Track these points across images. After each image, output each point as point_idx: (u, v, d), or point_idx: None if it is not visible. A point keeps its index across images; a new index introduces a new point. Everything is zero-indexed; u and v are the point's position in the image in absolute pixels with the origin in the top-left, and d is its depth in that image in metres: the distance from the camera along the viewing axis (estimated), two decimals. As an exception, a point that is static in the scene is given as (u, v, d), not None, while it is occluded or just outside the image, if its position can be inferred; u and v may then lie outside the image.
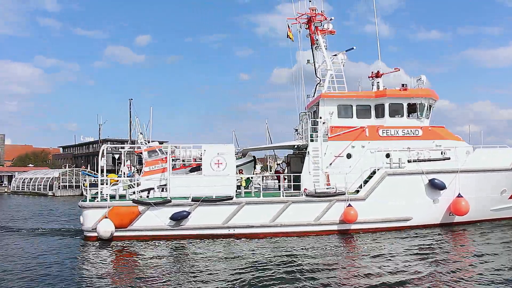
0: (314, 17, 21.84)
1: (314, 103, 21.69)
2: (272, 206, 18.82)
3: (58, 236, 19.94)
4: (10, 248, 17.23)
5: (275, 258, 14.56)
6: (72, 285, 11.70)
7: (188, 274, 12.69)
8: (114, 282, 12.14)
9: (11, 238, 19.45)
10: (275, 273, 12.57)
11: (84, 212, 18.65)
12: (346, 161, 19.99)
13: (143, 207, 18.45)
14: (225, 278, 12.16)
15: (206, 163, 19.33)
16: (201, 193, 18.65)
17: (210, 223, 18.60)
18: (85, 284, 11.80)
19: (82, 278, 12.41)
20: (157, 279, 12.16)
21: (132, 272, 13.25)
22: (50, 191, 66.19)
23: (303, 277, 12.02)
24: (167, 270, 13.27)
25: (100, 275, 12.89)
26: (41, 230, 21.82)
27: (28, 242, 18.45)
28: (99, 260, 15.23)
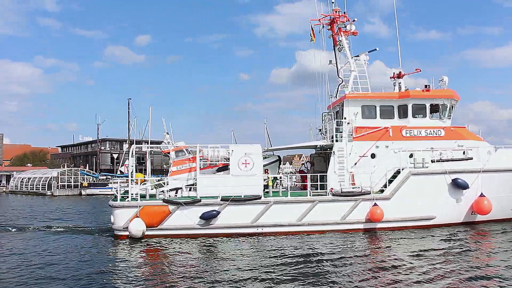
0: (337, 18, 22.58)
1: (337, 103, 22.46)
2: (299, 205, 19.60)
3: (88, 235, 20.65)
4: (44, 245, 17.89)
5: (303, 255, 15.21)
6: (107, 282, 12.27)
7: (219, 271, 13.30)
8: (148, 278, 12.71)
9: (42, 237, 20.15)
10: (303, 270, 13.20)
11: (114, 211, 19.35)
12: (370, 161, 20.78)
13: (173, 206, 19.17)
14: (254, 274, 12.79)
15: (233, 163, 20.05)
16: (229, 193, 19.41)
17: (239, 222, 19.34)
18: (120, 281, 12.43)
19: (117, 275, 13.06)
20: (189, 276, 12.76)
21: (165, 269, 13.87)
22: (48, 191, 66.78)
23: (331, 274, 12.68)
24: (199, 267, 13.89)
25: (134, 272, 13.57)
26: (70, 228, 22.61)
27: (59, 241, 19.11)
28: (132, 258, 15.91)
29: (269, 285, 11.81)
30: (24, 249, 17.13)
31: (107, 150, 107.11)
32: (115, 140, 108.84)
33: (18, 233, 21.49)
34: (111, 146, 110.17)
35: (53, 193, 65.53)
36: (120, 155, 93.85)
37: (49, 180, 68.61)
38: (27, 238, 19.88)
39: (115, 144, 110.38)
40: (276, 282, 11.99)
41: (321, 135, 23.60)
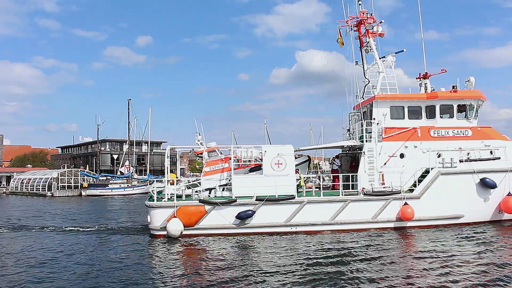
0: (365, 20, 23.51)
1: (365, 104, 23.38)
2: (332, 204, 20.50)
3: (122, 235, 21.43)
4: (82, 246, 18.68)
5: (337, 254, 15.96)
6: (151, 281, 12.91)
7: (255, 269, 13.97)
8: (190, 276, 13.37)
9: (78, 237, 20.97)
10: (338, 268, 13.90)
11: (151, 211, 20.18)
12: (399, 160, 21.72)
13: (209, 206, 20.02)
14: (289, 272, 13.50)
15: (266, 163, 20.92)
16: (262, 193, 20.29)
17: (273, 221, 20.22)
18: (163, 279, 13.08)
19: (158, 274, 13.72)
20: (228, 274, 13.43)
21: (206, 267, 14.54)
22: (48, 192, 67.51)
23: (366, 272, 13.37)
24: (237, 265, 14.54)
25: (177, 270, 14.27)
26: (107, 228, 23.58)
27: (96, 241, 19.92)
28: (173, 257, 16.62)
29: (303, 282, 12.42)
30: (67, 249, 17.93)
31: (107, 151, 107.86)
32: (115, 140, 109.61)
33: (55, 233, 22.22)
34: (111, 146, 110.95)
35: (53, 194, 66.31)
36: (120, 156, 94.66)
37: (49, 181, 69.31)
38: (64, 239, 20.68)
39: (115, 144, 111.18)
40: (310, 280, 12.62)
41: (349, 135, 24.52)
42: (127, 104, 79.92)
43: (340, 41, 24.06)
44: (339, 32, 24.08)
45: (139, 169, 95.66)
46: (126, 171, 79.32)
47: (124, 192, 68.54)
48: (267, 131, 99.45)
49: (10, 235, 22.18)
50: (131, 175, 76.41)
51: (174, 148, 25.24)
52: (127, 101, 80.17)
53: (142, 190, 71.42)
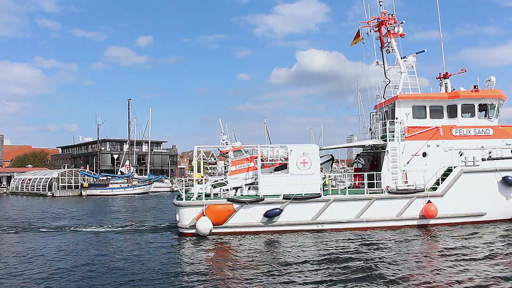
0: (386, 21, 24.23)
1: (387, 103, 24.09)
2: (357, 202, 21.21)
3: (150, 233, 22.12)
4: (114, 244, 19.32)
5: (364, 251, 16.60)
6: (183, 278, 13.43)
7: (285, 266, 14.56)
8: (218, 273, 13.98)
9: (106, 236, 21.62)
10: (366, 264, 14.45)
11: (180, 210, 20.84)
12: (421, 159, 22.46)
13: (237, 205, 20.70)
14: (315, 268, 14.16)
15: (292, 162, 21.61)
16: (288, 191, 21.00)
17: (300, 219, 20.92)
18: (194, 276, 13.68)
19: (190, 271, 14.29)
20: (256, 271, 13.90)
21: (233, 265, 15.08)
22: (49, 192, 68.33)
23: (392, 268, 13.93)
24: (265, 263, 15.06)
25: (204, 267, 14.87)
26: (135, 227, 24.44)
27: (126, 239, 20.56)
28: (201, 254, 17.32)
29: (330, 279, 12.90)
30: (99, 247, 18.64)
31: (107, 151, 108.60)
32: (115, 140, 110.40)
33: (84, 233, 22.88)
34: (111, 146, 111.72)
35: (54, 194, 67.15)
36: (120, 156, 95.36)
37: (50, 181, 70.05)
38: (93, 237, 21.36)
39: (115, 144, 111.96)
40: (337, 277, 13.10)
41: (371, 134, 25.26)
42: (127, 104, 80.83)
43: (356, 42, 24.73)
44: (358, 32, 24.75)
45: (140, 169, 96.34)
46: (127, 171, 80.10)
47: (124, 192, 69.32)
48: (267, 131, 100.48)
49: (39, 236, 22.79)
50: (131, 175, 77.17)
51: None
52: (127, 101, 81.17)
53: (143, 190, 72.26)
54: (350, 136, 25.86)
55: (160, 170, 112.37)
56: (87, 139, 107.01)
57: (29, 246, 19.41)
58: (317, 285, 12.27)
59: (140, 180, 76.66)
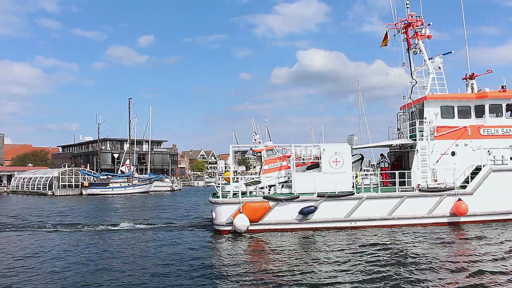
0: (414, 23, 25.23)
1: (416, 103, 25.08)
2: (389, 200, 22.19)
3: (184, 230, 23.08)
4: (151, 241, 20.22)
5: (397, 248, 17.34)
6: (224, 274, 14.07)
7: (320, 262, 15.29)
8: (257, 269, 14.61)
9: (142, 233, 22.52)
10: (399, 260, 15.18)
11: (217, 208, 21.75)
12: (450, 158, 23.48)
13: (273, 202, 21.62)
14: (350, 264, 14.83)
15: (325, 161, 22.55)
16: (322, 189, 21.94)
17: (334, 217, 21.87)
18: (233, 271, 14.35)
19: (228, 266, 14.98)
20: (295, 267, 14.57)
21: (272, 260, 15.87)
22: (49, 191, 69.26)
23: (425, 265, 14.50)
24: (304, 259, 15.78)
25: (246, 263, 15.60)
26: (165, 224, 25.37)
27: (163, 236, 21.43)
28: (240, 251, 18.12)
29: (363, 277, 13.32)
30: (136, 245, 19.35)
31: (107, 150, 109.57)
32: (115, 140, 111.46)
33: (122, 231, 23.69)
34: (112, 146, 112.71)
35: (54, 193, 68.05)
36: (120, 155, 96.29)
37: (50, 180, 70.92)
38: (130, 235, 22.24)
39: (115, 143, 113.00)
40: (370, 273, 13.61)
41: (399, 134, 26.27)
42: (127, 104, 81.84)
43: (385, 43, 25.71)
44: (386, 34, 25.73)
45: (140, 168, 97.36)
46: (127, 170, 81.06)
47: (125, 191, 70.42)
48: (268, 130, 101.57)
49: (74, 234, 23.61)
50: (131, 174, 78.12)
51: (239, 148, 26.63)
52: (127, 101, 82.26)
53: (143, 189, 73.29)
54: (351, 136, 26.77)
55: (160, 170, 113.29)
56: (87, 138, 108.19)
57: (71, 243, 20.24)
58: (351, 283, 12.76)
59: (140, 179, 77.90)
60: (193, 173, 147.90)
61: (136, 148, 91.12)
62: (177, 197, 60.77)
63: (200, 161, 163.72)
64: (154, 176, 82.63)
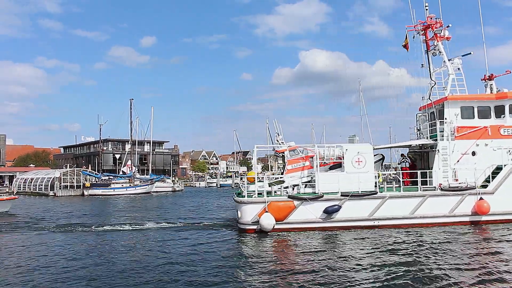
0: (433, 25, 25.97)
1: (436, 104, 25.79)
2: (411, 199, 22.91)
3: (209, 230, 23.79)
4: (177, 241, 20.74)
5: (421, 246, 17.98)
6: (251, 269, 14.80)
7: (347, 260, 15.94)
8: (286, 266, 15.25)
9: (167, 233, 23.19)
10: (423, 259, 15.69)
11: (242, 207, 22.43)
12: (471, 158, 24.21)
13: (298, 201, 22.32)
14: (375, 262, 15.42)
15: (347, 161, 23.26)
16: (344, 189, 22.64)
17: (357, 216, 22.57)
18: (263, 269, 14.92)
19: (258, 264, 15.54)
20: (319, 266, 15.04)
21: (298, 258, 16.48)
22: (51, 191, 69.90)
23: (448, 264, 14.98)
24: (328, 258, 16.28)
25: (272, 260, 16.25)
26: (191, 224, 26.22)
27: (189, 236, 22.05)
28: (266, 249, 18.76)
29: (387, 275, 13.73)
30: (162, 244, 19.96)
31: (109, 151, 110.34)
32: (117, 140, 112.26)
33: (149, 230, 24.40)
34: (113, 146, 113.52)
35: (56, 193, 68.79)
36: (122, 156, 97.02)
37: (52, 181, 71.64)
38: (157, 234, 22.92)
39: (117, 144, 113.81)
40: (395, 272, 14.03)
41: (418, 134, 27.02)
42: (128, 104, 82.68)
43: (406, 45, 26.45)
44: (406, 37, 26.50)
45: (141, 168, 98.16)
46: (128, 170, 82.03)
47: (126, 191, 71.30)
48: (269, 131, 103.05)
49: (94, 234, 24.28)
50: (133, 174, 78.91)
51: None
52: (128, 101, 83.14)
53: (145, 190, 74.15)
54: (352, 136, 27.52)
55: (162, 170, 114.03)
56: (89, 139, 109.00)
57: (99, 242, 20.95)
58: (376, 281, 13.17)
59: (142, 180, 78.93)
60: (195, 174, 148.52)
61: (138, 148, 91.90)
62: (181, 198, 61.49)
63: (202, 162, 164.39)
64: (156, 176, 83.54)
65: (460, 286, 12.56)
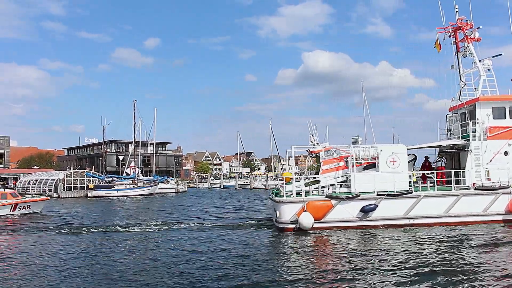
0: (464, 27, 27.21)
1: (468, 104, 26.99)
2: (446, 198, 24.11)
3: (246, 229, 24.99)
4: (220, 240, 21.82)
5: (456, 245, 19.03)
6: (295, 266, 15.72)
7: (383, 257, 16.87)
8: (329, 264, 16.21)
9: (211, 233, 24.36)
10: (459, 257, 16.59)
11: (281, 206, 23.61)
12: (503, 158, 25.40)
13: (335, 201, 23.52)
14: (412, 260, 16.29)
15: (382, 161, 24.45)
16: (380, 188, 23.82)
17: (392, 215, 23.75)
18: (307, 266, 15.91)
19: (301, 261, 16.56)
20: (362, 264, 15.87)
21: (340, 256, 17.45)
22: (55, 193, 71.07)
23: (484, 263, 15.80)
24: (371, 256, 17.22)
25: (314, 258, 17.35)
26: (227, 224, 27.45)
27: (229, 236, 23.21)
28: (307, 247, 19.79)
29: (424, 271, 14.50)
30: (203, 243, 21.00)
31: (112, 152, 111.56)
32: (120, 142, 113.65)
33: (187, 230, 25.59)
34: (117, 148, 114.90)
35: (60, 195, 70.04)
36: (125, 157, 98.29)
37: (56, 182, 72.88)
38: (195, 234, 24.10)
39: (120, 146, 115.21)
40: (432, 269, 14.66)
41: (449, 135, 28.24)
42: (131, 105, 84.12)
43: (437, 46, 27.67)
44: (437, 39, 27.73)
45: (145, 170, 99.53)
46: (132, 172, 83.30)
47: (130, 193, 72.80)
48: (272, 131, 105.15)
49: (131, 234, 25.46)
50: (136, 176, 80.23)
51: None
52: (132, 103, 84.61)
53: (148, 191, 75.58)
54: (356, 137, 28.72)
55: (165, 171, 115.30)
56: (92, 141, 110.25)
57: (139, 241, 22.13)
58: (411, 280, 13.88)
59: (145, 181, 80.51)
60: (198, 175, 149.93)
61: (141, 150, 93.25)
62: (190, 199, 62.69)
63: (205, 163, 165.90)
64: (159, 178, 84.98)
65: (501, 283, 13.32)
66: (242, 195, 71.06)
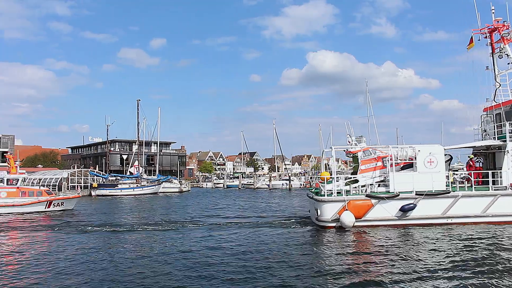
0: (500, 28, 28.62)
1: (505, 105, 28.34)
2: (483, 198, 25.49)
3: (287, 228, 26.29)
4: (259, 238, 22.96)
5: (495, 244, 19.96)
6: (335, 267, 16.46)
7: (423, 255, 17.84)
8: (372, 260, 17.24)
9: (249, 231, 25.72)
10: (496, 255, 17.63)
11: (322, 205, 25.01)
12: (539, 159, 26.82)
13: (375, 200, 24.91)
14: (450, 258, 17.23)
15: (420, 161, 25.83)
16: (417, 188, 25.19)
17: (431, 214, 25.14)
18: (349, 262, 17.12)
19: (346, 257, 17.81)
20: (400, 263, 16.73)
21: (382, 253, 18.59)
22: (59, 192, 72.34)
23: None
24: (410, 252, 18.46)
25: (358, 254, 18.61)
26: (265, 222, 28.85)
27: (267, 234, 24.45)
28: (349, 244, 21.11)
29: (462, 269, 15.30)
30: (246, 241, 22.11)
31: (116, 151, 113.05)
32: (124, 141, 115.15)
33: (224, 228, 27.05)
34: (121, 147, 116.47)
35: (64, 193, 71.38)
36: (129, 156, 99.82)
37: (60, 181, 74.41)
38: (238, 231, 25.48)
39: (124, 145, 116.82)
40: (468, 267, 15.55)
41: (485, 135, 29.65)
42: (136, 105, 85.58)
43: (470, 47, 29.08)
44: (472, 38, 29.11)
45: (148, 169, 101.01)
46: (136, 171, 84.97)
47: (133, 192, 74.68)
48: (276, 131, 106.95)
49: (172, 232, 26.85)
50: (140, 175, 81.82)
51: None
52: (136, 102, 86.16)
53: (152, 190, 77.23)
54: (360, 137, 30.11)
55: (169, 171, 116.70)
56: (96, 140, 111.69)
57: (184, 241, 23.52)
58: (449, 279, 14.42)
59: (149, 180, 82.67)
60: (202, 175, 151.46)
61: (145, 149, 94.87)
62: (197, 198, 64.02)
63: (209, 163, 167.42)
64: (163, 177, 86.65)
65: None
66: (247, 195, 72.98)
